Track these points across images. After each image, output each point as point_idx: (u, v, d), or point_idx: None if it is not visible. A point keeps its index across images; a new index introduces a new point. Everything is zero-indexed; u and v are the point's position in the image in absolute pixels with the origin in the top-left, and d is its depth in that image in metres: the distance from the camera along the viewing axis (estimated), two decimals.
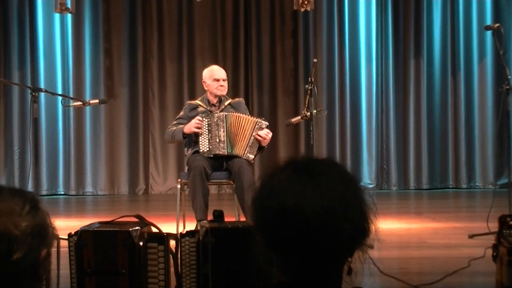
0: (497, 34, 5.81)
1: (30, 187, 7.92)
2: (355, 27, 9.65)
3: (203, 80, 6.00)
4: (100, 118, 9.50)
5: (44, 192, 9.22)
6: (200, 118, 5.71)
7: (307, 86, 5.55)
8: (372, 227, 1.43)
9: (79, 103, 5.71)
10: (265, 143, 5.77)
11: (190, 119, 5.81)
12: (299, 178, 1.40)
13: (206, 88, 5.96)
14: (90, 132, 9.52)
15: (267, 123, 5.82)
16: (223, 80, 5.89)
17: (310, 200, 1.37)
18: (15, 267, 1.33)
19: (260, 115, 5.99)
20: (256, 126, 5.72)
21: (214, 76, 5.89)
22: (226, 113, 5.76)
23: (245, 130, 5.72)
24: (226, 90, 5.96)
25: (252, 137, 5.70)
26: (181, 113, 6.03)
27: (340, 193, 1.39)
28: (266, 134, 5.73)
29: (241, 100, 6.18)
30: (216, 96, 5.89)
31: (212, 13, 9.57)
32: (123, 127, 9.56)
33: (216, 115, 5.74)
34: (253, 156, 5.72)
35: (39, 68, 9.46)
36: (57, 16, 9.28)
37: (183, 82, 9.56)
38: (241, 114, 5.80)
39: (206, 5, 9.45)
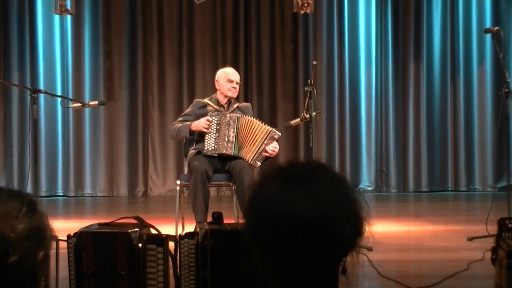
0: (496, 37, 5.81)
1: (29, 189, 7.92)
2: (355, 30, 9.66)
3: (216, 79, 5.99)
4: (100, 120, 9.50)
5: (43, 194, 9.21)
6: (210, 118, 5.70)
7: (306, 88, 5.56)
8: (366, 227, 1.43)
9: (79, 104, 5.71)
10: (272, 155, 5.75)
11: (197, 117, 5.79)
12: (291, 185, 1.39)
13: (217, 87, 5.95)
14: (90, 133, 9.52)
15: (280, 134, 5.78)
16: (237, 83, 5.92)
17: (306, 206, 1.36)
18: (11, 270, 1.33)
19: (259, 119, 5.97)
20: (269, 135, 5.67)
21: (228, 77, 5.90)
22: (239, 115, 5.75)
23: (256, 136, 5.67)
24: (237, 93, 5.97)
25: (263, 145, 5.66)
26: (188, 109, 6.00)
27: (334, 196, 1.39)
28: (273, 149, 5.68)
29: (248, 105, 6.17)
30: (226, 96, 5.89)
31: (212, 16, 9.57)
32: (122, 129, 9.56)
33: (228, 115, 5.73)
34: (260, 164, 5.70)
35: (38, 69, 9.46)
36: (57, 17, 9.28)
37: (182, 84, 9.56)
38: (255, 119, 5.78)
39: (206, 8, 9.46)
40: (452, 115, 9.57)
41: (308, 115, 5.52)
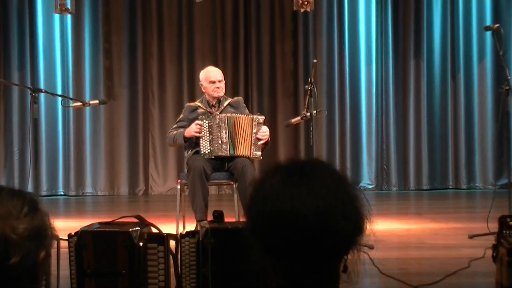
0: (496, 34, 5.81)
1: (29, 188, 7.92)
2: (355, 28, 9.65)
3: (200, 83, 6.02)
4: (100, 119, 9.50)
5: (43, 193, 9.21)
6: (200, 122, 5.71)
7: (307, 86, 5.56)
8: (367, 224, 1.43)
9: (79, 103, 5.71)
10: (266, 139, 5.80)
11: (190, 121, 5.81)
12: (291, 181, 1.39)
13: (203, 90, 5.97)
14: (90, 132, 9.51)
15: (263, 117, 5.88)
16: (219, 81, 5.90)
17: (306, 202, 1.36)
18: (12, 271, 1.32)
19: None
20: (254, 123, 5.75)
21: (210, 79, 5.89)
22: (228, 115, 5.77)
23: (245, 129, 5.74)
24: (224, 90, 5.95)
25: (254, 135, 5.73)
26: (181, 115, 6.04)
27: (334, 192, 1.39)
28: (264, 134, 5.76)
29: (239, 98, 6.19)
30: (214, 97, 5.91)
31: (212, 14, 9.56)
32: (123, 128, 9.55)
33: (217, 116, 5.74)
34: (260, 153, 5.74)
35: (38, 68, 9.45)
36: (56, 16, 9.27)
37: (182, 83, 9.56)
38: (239, 115, 5.81)
39: (206, 6, 9.45)
40: (452, 112, 9.57)
41: (308, 113, 5.52)
